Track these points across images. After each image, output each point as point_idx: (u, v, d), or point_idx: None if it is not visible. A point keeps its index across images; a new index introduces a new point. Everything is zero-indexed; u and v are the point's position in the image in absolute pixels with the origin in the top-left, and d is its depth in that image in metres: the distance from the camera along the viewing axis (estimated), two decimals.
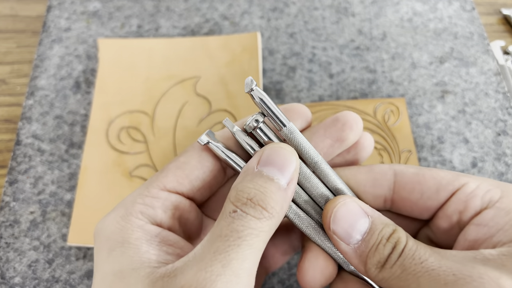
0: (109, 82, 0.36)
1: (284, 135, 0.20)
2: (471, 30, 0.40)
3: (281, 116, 0.20)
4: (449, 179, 0.20)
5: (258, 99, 0.20)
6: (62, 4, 0.42)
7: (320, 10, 0.42)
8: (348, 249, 0.19)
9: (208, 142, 0.20)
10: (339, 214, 0.20)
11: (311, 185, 0.21)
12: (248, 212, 0.17)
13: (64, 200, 0.32)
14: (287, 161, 0.19)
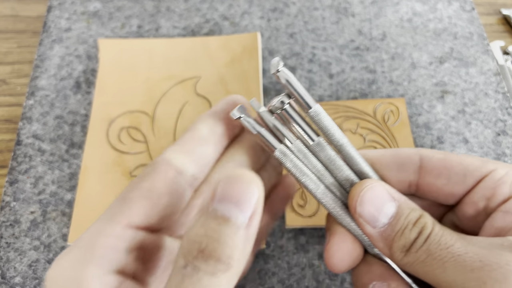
0: (110, 82, 0.36)
1: (310, 117, 0.20)
2: (471, 30, 0.40)
3: (307, 98, 0.20)
4: (477, 165, 0.20)
5: (284, 80, 0.20)
6: (63, 5, 0.42)
7: (320, 10, 0.42)
8: (373, 232, 0.19)
9: (240, 117, 0.19)
10: (365, 198, 0.19)
11: (336, 167, 0.21)
12: (200, 268, 0.15)
13: (65, 200, 0.32)
14: (247, 193, 0.16)
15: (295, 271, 0.29)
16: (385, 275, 0.20)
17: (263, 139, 0.20)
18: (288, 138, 0.20)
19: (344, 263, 0.20)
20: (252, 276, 0.29)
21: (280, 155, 0.20)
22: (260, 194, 0.16)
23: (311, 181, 0.20)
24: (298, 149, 0.20)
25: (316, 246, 0.30)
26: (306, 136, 0.20)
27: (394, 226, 0.19)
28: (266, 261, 0.30)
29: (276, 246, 0.30)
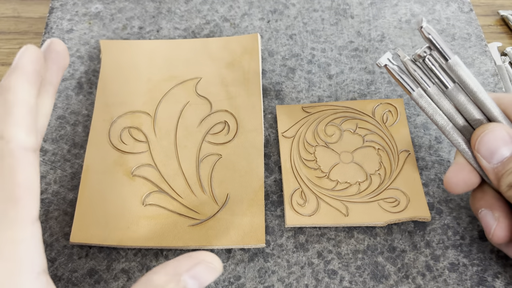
0: (111, 83, 0.37)
1: (448, 67, 0.24)
2: (469, 31, 0.41)
3: (447, 50, 0.24)
4: None
5: (427, 34, 0.23)
6: (64, 6, 0.43)
7: (319, 12, 0.42)
8: (488, 166, 0.24)
9: (386, 65, 0.25)
10: (484, 139, 0.24)
11: (468, 111, 0.25)
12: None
13: (67, 199, 0.32)
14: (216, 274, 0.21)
15: (295, 270, 0.29)
16: (493, 205, 0.25)
17: (403, 82, 0.25)
18: (426, 83, 0.25)
19: (458, 187, 0.26)
20: (252, 275, 0.29)
21: (417, 96, 0.25)
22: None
23: (442, 119, 0.25)
24: (434, 92, 0.25)
25: (315, 245, 0.30)
26: (442, 82, 0.25)
27: (504, 165, 0.23)
28: (266, 259, 0.30)
29: (275, 244, 0.30)
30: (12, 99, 0.19)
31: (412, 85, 0.25)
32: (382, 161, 0.33)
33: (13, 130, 0.19)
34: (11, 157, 0.18)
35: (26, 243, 0.18)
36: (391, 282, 0.29)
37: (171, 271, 0.20)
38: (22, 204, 0.18)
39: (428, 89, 0.25)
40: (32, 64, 0.21)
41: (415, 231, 0.31)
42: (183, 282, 0.19)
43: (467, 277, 0.29)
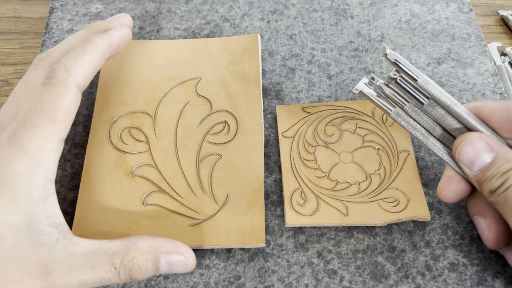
0: (111, 83, 0.37)
1: (419, 86, 0.26)
2: (469, 31, 0.41)
3: (414, 71, 0.25)
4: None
5: (393, 60, 0.25)
6: (65, 6, 0.43)
7: (319, 12, 0.42)
8: (469, 173, 0.25)
9: (361, 91, 0.27)
10: (463, 149, 0.24)
11: (446, 123, 0.26)
12: None
13: (67, 199, 0.33)
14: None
15: (295, 269, 0.30)
16: (484, 212, 0.26)
17: (380, 104, 0.27)
18: (402, 102, 0.27)
19: (451, 198, 0.27)
20: (252, 274, 0.29)
21: (395, 115, 0.27)
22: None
23: (421, 134, 0.27)
24: (412, 109, 0.27)
25: (315, 245, 0.30)
26: (417, 99, 0.26)
27: (485, 172, 0.24)
28: (266, 259, 0.30)
29: (275, 244, 0.31)
30: (90, 50, 0.26)
31: (389, 106, 0.27)
32: (382, 161, 0.33)
33: (77, 69, 0.25)
34: (65, 86, 0.24)
35: (49, 154, 0.23)
36: (391, 282, 0.29)
37: (155, 246, 0.23)
38: (58, 123, 0.23)
39: (405, 107, 0.27)
40: (121, 40, 0.29)
41: (415, 231, 0.31)
42: (158, 260, 0.22)
43: (466, 277, 0.29)
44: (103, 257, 0.22)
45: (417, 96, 0.26)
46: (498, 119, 0.25)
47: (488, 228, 0.26)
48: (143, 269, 0.22)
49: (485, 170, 0.24)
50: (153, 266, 0.23)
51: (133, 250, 0.23)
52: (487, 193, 0.24)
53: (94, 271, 0.21)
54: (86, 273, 0.21)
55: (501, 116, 0.25)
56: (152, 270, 0.23)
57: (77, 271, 0.20)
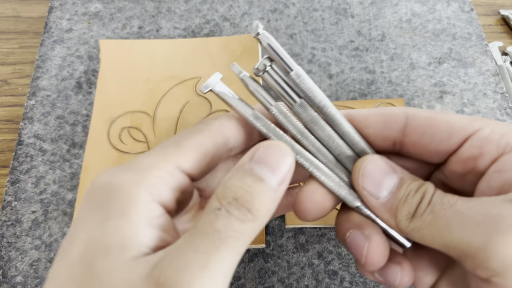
0: (111, 83, 0.37)
1: (291, 79, 0.21)
2: (470, 31, 0.40)
3: (288, 60, 0.20)
4: (463, 124, 0.20)
5: (266, 44, 0.20)
6: (64, 5, 0.42)
7: (319, 11, 0.42)
8: (377, 204, 0.20)
9: (217, 95, 0.20)
10: (367, 170, 0.20)
11: (319, 127, 0.21)
12: (232, 213, 0.17)
13: (66, 199, 0.32)
14: (281, 161, 0.18)
15: (295, 270, 0.29)
16: (361, 224, 0.21)
17: (236, 106, 0.20)
18: (268, 100, 0.21)
19: (310, 214, 0.21)
20: (252, 275, 0.29)
21: (253, 118, 0.20)
22: (291, 166, 0.18)
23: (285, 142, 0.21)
24: (279, 110, 0.21)
25: (315, 246, 0.30)
26: (288, 98, 0.21)
27: (396, 194, 0.19)
28: (266, 260, 0.30)
29: (276, 245, 0.30)
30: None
31: (247, 109, 0.21)
32: None
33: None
34: (209, 123, 0.21)
35: (160, 172, 0.18)
36: None
37: (237, 165, 0.19)
38: (182, 149, 0.20)
39: (272, 107, 0.21)
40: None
41: None
42: (250, 170, 0.18)
43: None
44: None
45: (289, 93, 0.21)
46: (373, 125, 0.21)
47: (369, 240, 0.20)
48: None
49: (395, 192, 0.20)
50: None
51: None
52: (406, 220, 0.19)
53: None
54: None
55: (375, 120, 0.21)
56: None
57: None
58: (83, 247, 0.17)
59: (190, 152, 0.19)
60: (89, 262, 0.16)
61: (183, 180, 0.19)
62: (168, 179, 0.18)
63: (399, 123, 0.21)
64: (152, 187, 0.18)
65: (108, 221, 0.17)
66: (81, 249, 0.17)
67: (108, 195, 0.17)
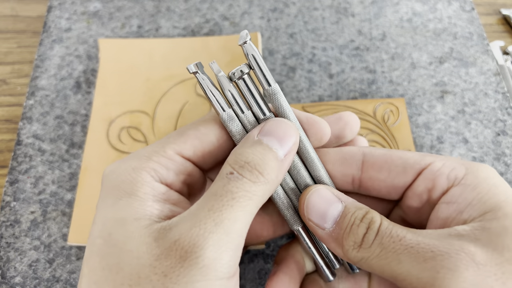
0: (110, 82, 0.36)
1: (267, 94, 0.21)
2: (471, 30, 0.40)
3: (269, 75, 0.21)
4: (416, 159, 0.21)
5: (250, 54, 0.20)
6: (63, 5, 0.42)
7: (320, 11, 0.42)
8: (324, 234, 0.20)
9: (196, 72, 0.20)
10: (311, 201, 0.20)
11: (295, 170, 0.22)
12: (244, 175, 0.18)
13: (65, 200, 0.32)
14: (287, 134, 0.20)
15: None
16: (284, 260, 0.23)
17: (213, 99, 0.20)
18: (241, 107, 0.21)
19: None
20: (251, 276, 0.29)
21: (227, 118, 0.21)
22: (296, 140, 0.20)
23: None
24: (248, 120, 0.21)
25: None
26: (258, 109, 0.21)
27: (341, 224, 0.20)
28: (266, 260, 0.30)
29: (276, 246, 0.30)
30: None
31: (222, 105, 0.21)
32: None
33: None
34: (213, 116, 0.22)
35: (159, 157, 0.20)
36: None
37: (245, 138, 0.20)
38: (184, 138, 0.21)
39: (243, 114, 0.21)
40: None
41: None
42: (259, 140, 0.19)
43: None
44: None
45: (261, 105, 0.21)
46: (332, 161, 0.22)
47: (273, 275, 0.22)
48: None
49: (339, 222, 0.20)
50: None
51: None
52: (353, 250, 0.19)
53: None
54: None
55: (335, 158, 0.22)
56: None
57: None
58: (101, 224, 0.18)
59: (190, 139, 0.20)
60: (107, 234, 0.18)
61: (187, 165, 0.20)
62: (169, 164, 0.20)
63: (357, 160, 0.22)
64: (152, 170, 0.19)
65: (119, 201, 0.18)
66: (99, 227, 0.18)
67: (116, 181, 0.19)
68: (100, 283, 0.17)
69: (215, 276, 0.16)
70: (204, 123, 0.21)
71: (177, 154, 0.20)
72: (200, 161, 0.21)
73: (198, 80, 0.20)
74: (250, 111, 0.21)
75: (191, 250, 0.16)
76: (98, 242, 0.18)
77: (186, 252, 0.16)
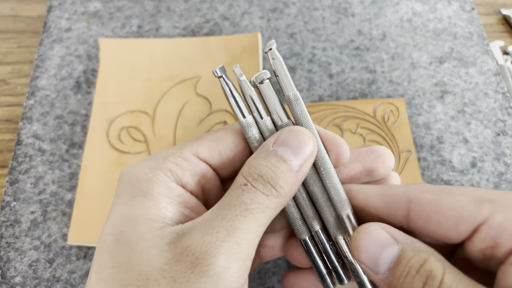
0: (110, 82, 0.36)
1: (287, 101, 0.21)
2: (471, 30, 0.40)
3: (289, 82, 0.21)
4: (470, 211, 0.18)
5: (272, 60, 0.20)
6: (63, 5, 0.42)
7: (320, 11, 0.42)
8: (377, 279, 0.18)
9: (221, 77, 0.20)
10: (363, 243, 0.18)
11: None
12: (258, 188, 0.18)
13: (65, 200, 0.32)
14: (303, 145, 0.19)
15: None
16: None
17: (235, 104, 0.21)
18: (260, 112, 0.21)
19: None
20: (252, 276, 0.29)
21: (246, 124, 0.21)
22: (314, 150, 0.20)
23: None
24: (267, 126, 0.21)
25: None
26: (277, 115, 0.21)
27: (394, 272, 0.17)
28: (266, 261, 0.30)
29: None
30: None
31: (243, 110, 0.21)
32: None
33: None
34: (233, 126, 0.22)
35: (176, 158, 0.20)
36: None
37: (260, 148, 0.20)
38: (199, 140, 0.21)
39: (262, 120, 0.21)
40: None
41: None
42: (273, 151, 0.19)
43: None
44: None
45: (279, 112, 0.21)
46: (375, 207, 0.20)
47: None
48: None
49: (393, 269, 0.17)
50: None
51: None
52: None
53: None
54: None
55: (378, 203, 0.20)
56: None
57: None
58: (113, 221, 0.18)
59: (207, 142, 0.21)
60: (118, 231, 0.18)
61: (203, 166, 0.21)
62: (185, 164, 0.20)
63: (402, 208, 0.19)
64: (168, 171, 0.19)
65: (134, 199, 0.18)
66: (111, 223, 0.18)
67: (132, 180, 0.19)
68: (109, 281, 0.17)
69: (225, 285, 0.16)
70: (222, 129, 0.22)
71: (193, 155, 0.20)
72: (216, 164, 0.21)
73: (221, 85, 0.20)
74: (269, 118, 0.21)
75: (202, 257, 0.16)
76: (109, 239, 0.18)
77: (197, 259, 0.16)
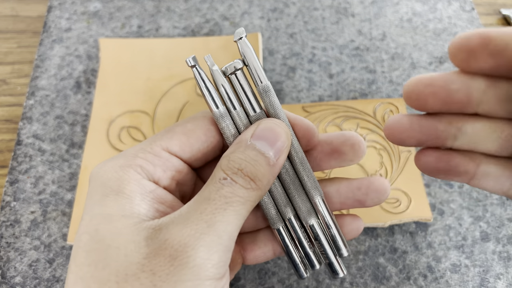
0: (110, 82, 0.36)
1: (259, 91, 0.21)
2: (471, 30, 0.40)
3: (261, 72, 0.21)
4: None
5: (243, 49, 0.21)
6: (63, 5, 0.42)
7: (320, 11, 0.42)
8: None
9: (194, 66, 0.20)
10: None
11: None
12: (238, 181, 0.18)
13: (65, 200, 0.32)
14: (279, 138, 0.20)
15: None
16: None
17: (208, 94, 0.21)
18: (233, 102, 0.21)
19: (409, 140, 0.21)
20: (252, 276, 0.29)
21: (219, 115, 0.21)
22: (289, 142, 0.20)
23: None
24: (240, 117, 0.21)
25: None
26: (249, 106, 0.21)
27: None
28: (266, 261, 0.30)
29: None
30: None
31: (218, 102, 0.21)
32: (383, 161, 0.32)
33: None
34: (203, 115, 0.22)
35: (146, 155, 0.20)
36: (392, 284, 0.29)
37: (237, 141, 0.20)
38: (170, 134, 0.21)
39: (235, 111, 0.21)
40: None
41: (417, 232, 0.30)
42: (251, 145, 0.20)
43: (468, 278, 0.29)
44: None
45: (252, 102, 0.21)
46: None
47: None
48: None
49: None
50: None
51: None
52: None
53: None
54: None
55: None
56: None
57: None
58: (87, 221, 0.18)
59: (177, 135, 0.21)
60: (93, 230, 0.18)
61: (174, 161, 0.21)
62: (155, 160, 0.20)
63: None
64: (139, 167, 0.19)
65: (106, 198, 0.18)
66: (86, 223, 0.18)
67: (102, 179, 0.19)
68: (86, 279, 0.17)
69: (206, 276, 0.17)
70: (192, 120, 0.21)
71: (163, 150, 0.20)
72: (188, 157, 0.21)
73: (194, 74, 0.20)
74: (242, 108, 0.21)
75: (182, 250, 0.16)
76: (85, 237, 0.18)
77: (176, 251, 0.16)
